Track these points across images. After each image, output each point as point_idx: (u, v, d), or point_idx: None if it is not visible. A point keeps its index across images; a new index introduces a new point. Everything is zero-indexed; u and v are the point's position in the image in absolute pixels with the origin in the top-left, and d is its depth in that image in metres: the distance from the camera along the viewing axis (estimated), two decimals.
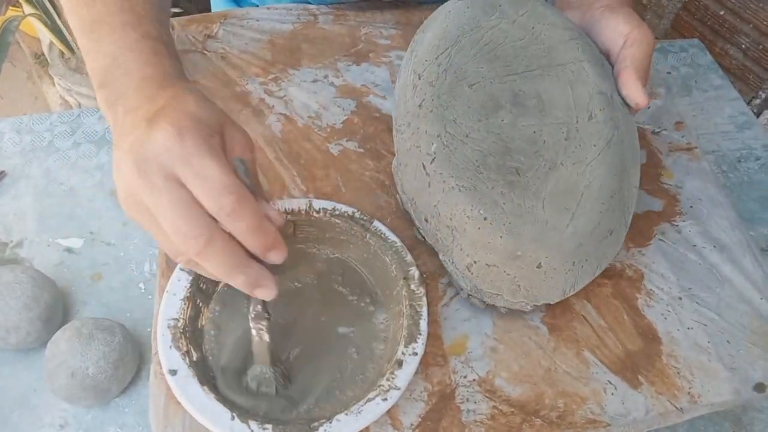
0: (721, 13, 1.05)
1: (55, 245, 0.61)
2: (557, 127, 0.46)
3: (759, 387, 0.45)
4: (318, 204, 0.47)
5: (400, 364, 0.41)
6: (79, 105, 1.37)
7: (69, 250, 0.61)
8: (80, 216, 0.64)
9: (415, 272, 0.45)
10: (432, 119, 0.45)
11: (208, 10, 0.78)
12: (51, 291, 0.54)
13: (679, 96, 0.78)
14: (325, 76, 0.60)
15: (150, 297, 0.58)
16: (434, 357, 0.44)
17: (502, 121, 0.45)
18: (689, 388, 0.44)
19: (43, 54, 1.50)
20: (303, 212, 0.47)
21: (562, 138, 0.45)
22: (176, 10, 1.22)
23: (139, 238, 0.62)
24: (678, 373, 0.45)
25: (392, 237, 0.46)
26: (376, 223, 0.47)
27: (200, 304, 0.44)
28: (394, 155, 0.51)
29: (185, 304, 0.42)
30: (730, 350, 0.46)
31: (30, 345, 0.52)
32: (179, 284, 0.43)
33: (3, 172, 0.66)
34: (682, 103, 0.78)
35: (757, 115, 1.03)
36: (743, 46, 1.03)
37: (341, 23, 0.64)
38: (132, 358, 0.52)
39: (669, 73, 0.81)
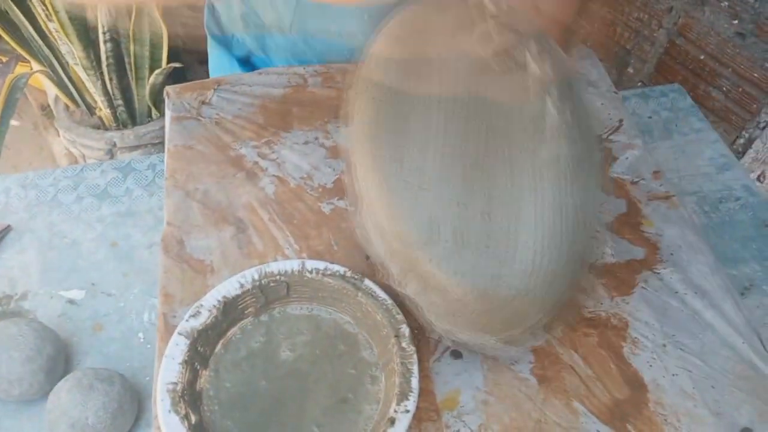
0: (701, 57, 1.08)
1: (58, 297, 0.63)
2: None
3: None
4: (311, 264, 0.48)
5: (392, 422, 0.41)
6: (84, 156, 1.39)
7: (71, 301, 0.62)
8: (82, 268, 0.65)
9: (405, 330, 0.45)
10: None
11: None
12: (53, 343, 0.55)
13: (661, 140, 0.80)
14: (316, 138, 0.62)
15: (149, 346, 0.59)
16: (427, 412, 0.44)
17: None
18: None
19: (49, 106, 1.54)
20: (296, 273, 0.48)
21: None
22: (177, 65, 1.26)
23: (138, 288, 0.64)
24: (665, 420, 0.45)
25: (382, 295, 0.47)
26: (367, 281, 0.48)
27: (198, 367, 0.45)
28: None
29: (183, 367, 0.43)
30: (715, 395, 0.47)
31: (32, 396, 0.53)
32: (177, 348, 0.44)
33: (9, 226, 0.68)
34: (663, 146, 0.79)
35: (743, 154, 1.05)
36: (724, 88, 1.06)
37: (330, 86, 0.67)
38: (130, 408, 0.53)
39: (650, 117, 0.82)
